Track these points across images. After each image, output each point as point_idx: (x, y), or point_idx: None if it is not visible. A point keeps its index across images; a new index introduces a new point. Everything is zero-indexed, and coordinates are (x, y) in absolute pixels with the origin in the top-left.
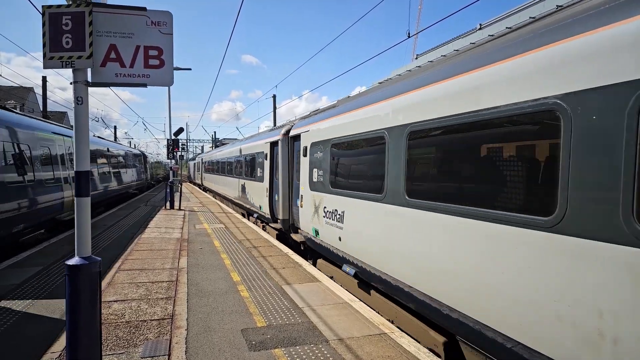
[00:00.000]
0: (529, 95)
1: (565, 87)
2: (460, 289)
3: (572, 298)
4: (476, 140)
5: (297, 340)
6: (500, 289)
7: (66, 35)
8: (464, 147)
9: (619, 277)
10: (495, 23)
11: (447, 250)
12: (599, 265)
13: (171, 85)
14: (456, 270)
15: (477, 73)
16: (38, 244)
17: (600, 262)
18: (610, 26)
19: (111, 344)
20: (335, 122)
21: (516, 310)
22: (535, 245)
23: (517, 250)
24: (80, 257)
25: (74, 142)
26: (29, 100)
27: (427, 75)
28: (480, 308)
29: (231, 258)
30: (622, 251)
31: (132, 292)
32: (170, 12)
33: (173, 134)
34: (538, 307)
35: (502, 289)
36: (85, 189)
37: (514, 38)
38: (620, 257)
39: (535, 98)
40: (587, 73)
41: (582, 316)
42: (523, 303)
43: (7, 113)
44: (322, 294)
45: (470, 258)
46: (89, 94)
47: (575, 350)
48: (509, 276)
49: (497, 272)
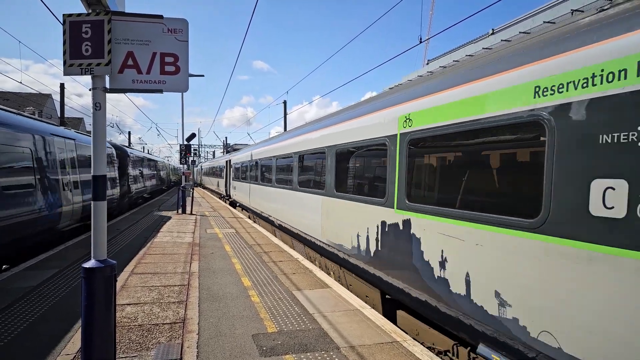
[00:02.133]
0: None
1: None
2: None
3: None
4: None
5: (308, 347)
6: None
7: (86, 42)
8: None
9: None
10: (508, 28)
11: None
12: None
13: (186, 92)
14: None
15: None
16: (55, 247)
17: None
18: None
19: (124, 347)
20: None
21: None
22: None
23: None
24: (96, 260)
25: (92, 146)
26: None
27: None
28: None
29: (242, 263)
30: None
31: (144, 296)
32: (186, 20)
33: (185, 139)
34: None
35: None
36: (102, 193)
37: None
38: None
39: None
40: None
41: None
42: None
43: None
44: (332, 300)
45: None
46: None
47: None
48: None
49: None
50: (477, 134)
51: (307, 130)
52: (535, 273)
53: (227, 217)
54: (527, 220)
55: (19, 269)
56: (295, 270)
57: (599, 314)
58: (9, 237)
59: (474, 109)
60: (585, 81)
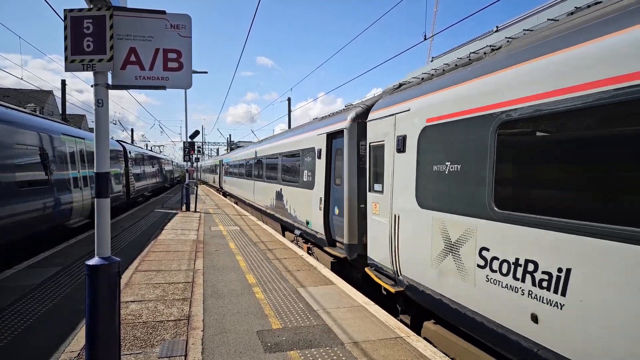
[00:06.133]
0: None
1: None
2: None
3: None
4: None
5: (312, 343)
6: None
7: (87, 38)
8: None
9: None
10: (513, 25)
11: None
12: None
13: (189, 88)
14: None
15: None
16: (57, 245)
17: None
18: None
19: (129, 344)
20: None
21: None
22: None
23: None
24: (100, 257)
25: (95, 143)
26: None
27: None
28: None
29: (246, 260)
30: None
31: (149, 293)
32: (189, 15)
33: (189, 137)
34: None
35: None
36: (105, 190)
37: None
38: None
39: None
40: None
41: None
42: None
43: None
44: (337, 297)
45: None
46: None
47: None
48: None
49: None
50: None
51: (250, 147)
52: None
53: (231, 215)
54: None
55: (22, 266)
56: (300, 267)
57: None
58: (27, 231)
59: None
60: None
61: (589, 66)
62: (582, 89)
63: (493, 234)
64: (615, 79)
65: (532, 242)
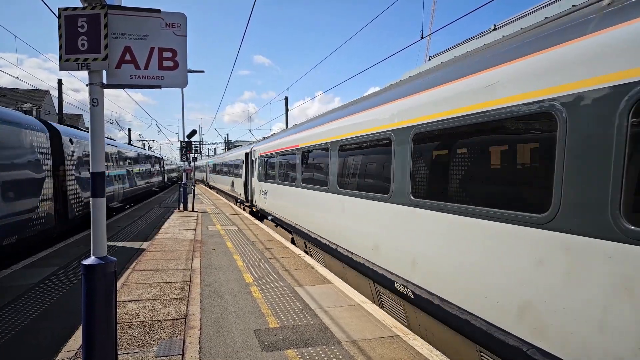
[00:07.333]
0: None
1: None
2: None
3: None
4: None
5: (309, 342)
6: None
7: (82, 37)
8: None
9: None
10: (510, 24)
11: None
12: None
13: (185, 87)
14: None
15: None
16: (54, 244)
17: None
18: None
19: (126, 343)
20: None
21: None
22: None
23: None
24: (96, 257)
25: (90, 143)
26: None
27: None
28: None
29: (244, 259)
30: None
31: (146, 293)
32: (185, 14)
33: (187, 136)
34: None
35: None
36: (100, 189)
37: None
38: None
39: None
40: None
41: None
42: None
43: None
44: (334, 296)
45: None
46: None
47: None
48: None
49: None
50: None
51: (215, 158)
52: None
53: (229, 214)
54: None
55: (19, 266)
56: (297, 266)
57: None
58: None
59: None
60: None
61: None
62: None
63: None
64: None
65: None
